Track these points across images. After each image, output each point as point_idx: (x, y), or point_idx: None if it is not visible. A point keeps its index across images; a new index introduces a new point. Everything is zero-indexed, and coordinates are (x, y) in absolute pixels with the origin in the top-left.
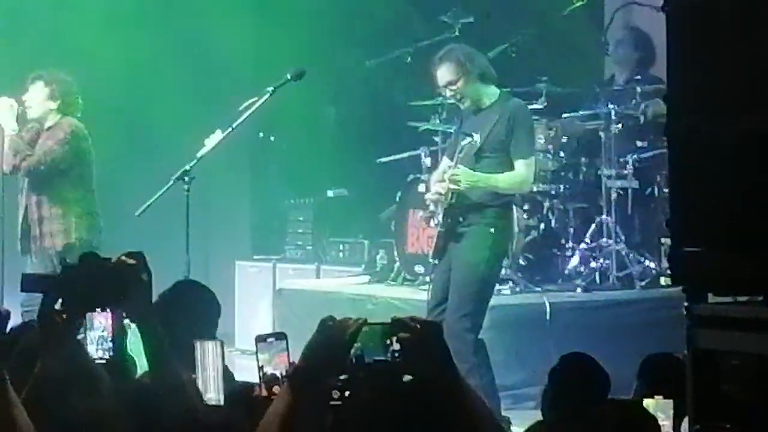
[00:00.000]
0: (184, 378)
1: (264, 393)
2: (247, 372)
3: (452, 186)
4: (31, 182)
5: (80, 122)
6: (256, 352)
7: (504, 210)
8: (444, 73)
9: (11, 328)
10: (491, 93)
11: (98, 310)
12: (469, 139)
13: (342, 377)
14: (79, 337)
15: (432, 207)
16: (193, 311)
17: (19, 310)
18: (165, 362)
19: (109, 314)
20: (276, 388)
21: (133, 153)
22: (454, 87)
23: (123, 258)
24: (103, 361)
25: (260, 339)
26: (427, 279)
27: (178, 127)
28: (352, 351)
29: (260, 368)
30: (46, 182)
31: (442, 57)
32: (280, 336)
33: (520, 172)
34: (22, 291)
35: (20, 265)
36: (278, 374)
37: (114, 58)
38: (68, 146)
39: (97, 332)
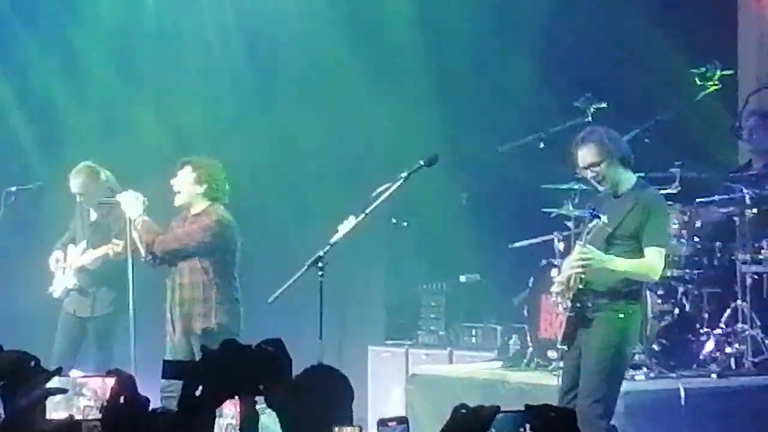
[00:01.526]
0: None
1: None
2: None
3: (581, 264)
4: (176, 266)
5: (227, 210)
6: None
7: (634, 296)
8: (586, 154)
9: (153, 410)
10: (629, 179)
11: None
12: (597, 220)
13: None
14: None
15: (556, 295)
16: (328, 396)
17: (158, 395)
18: None
19: (238, 401)
20: None
21: (266, 239)
22: (596, 169)
23: (264, 345)
24: None
25: (381, 423)
26: (560, 364)
27: (311, 213)
28: None
29: None
30: (188, 265)
31: (585, 138)
32: (401, 420)
33: (651, 260)
34: (163, 378)
35: (153, 348)
36: None
37: (247, 141)
38: (211, 232)
39: (226, 420)
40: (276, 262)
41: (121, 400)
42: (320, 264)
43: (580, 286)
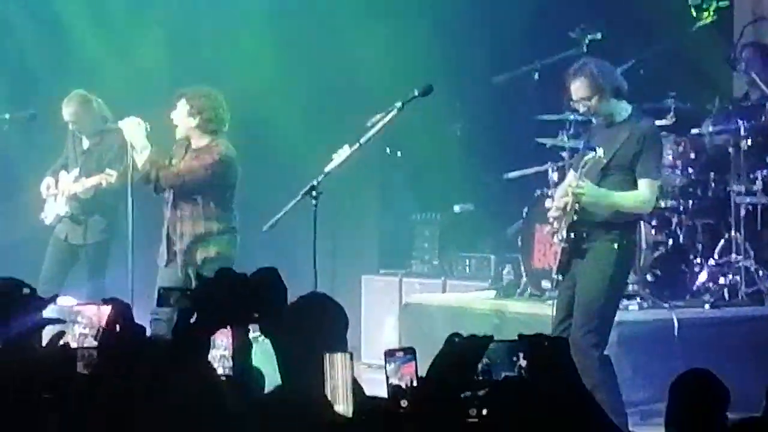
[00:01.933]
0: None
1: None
2: (374, 385)
3: (575, 199)
4: (176, 196)
5: (229, 143)
6: (384, 365)
7: (628, 228)
8: (578, 88)
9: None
10: (624, 108)
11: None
12: (593, 153)
13: (478, 393)
14: None
15: (554, 222)
16: (322, 324)
17: (147, 318)
18: (298, 375)
19: (230, 332)
20: (403, 401)
21: (261, 167)
22: (587, 103)
23: (258, 274)
24: (224, 378)
25: (389, 353)
26: (554, 294)
27: (305, 142)
28: (480, 366)
29: (387, 378)
30: (189, 198)
31: (577, 71)
32: (408, 350)
33: (644, 193)
34: (158, 305)
35: (146, 273)
36: (403, 385)
37: (244, 71)
38: (212, 171)
39: (219, 351)
40: (271, 190)
41: (117, 328)
42: (314, 193)
43: (575, 217)
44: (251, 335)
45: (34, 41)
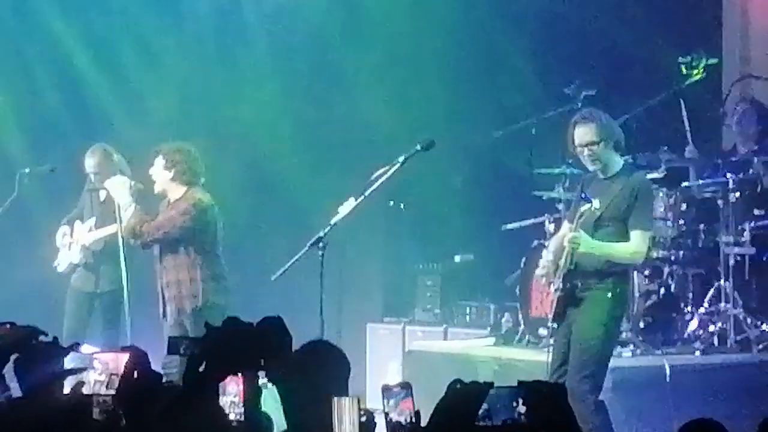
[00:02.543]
0: None
1: None
2: (380, 428)
3: (570, 249)
4: (161, 249)
5: (205, 192)
6: (382, 400)
7: (621, 277)
8: (586, 132)
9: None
10: (618, 162)
11: (230, 375)
12: (589, 204)
13: None
14: None
15: (541, 271)
16: (325, 370)
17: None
18: (303, 419)
19: (241, 379)
20: None
21: (270, 219)
22: (593, 148)
23: (264, 323)
24: (234, 424)
25: (386, 388)
26: (551, 342)
27: (313, 194)
28: (480, 412)
29: (386, 414)
30: (171, 249)
31: (587, 117)
32: (404, 385)
33: (636, 243)
34: (169, 353)
35: (151, 326)
36: (403, 421)
37: (253, 126)
38: (189, 216)
39: (229, 398)
40: (279, 241)
41: (135, 375)
42: (321, 244)
43: (570, 267)
44: (260, 382)
45: (53, 97)
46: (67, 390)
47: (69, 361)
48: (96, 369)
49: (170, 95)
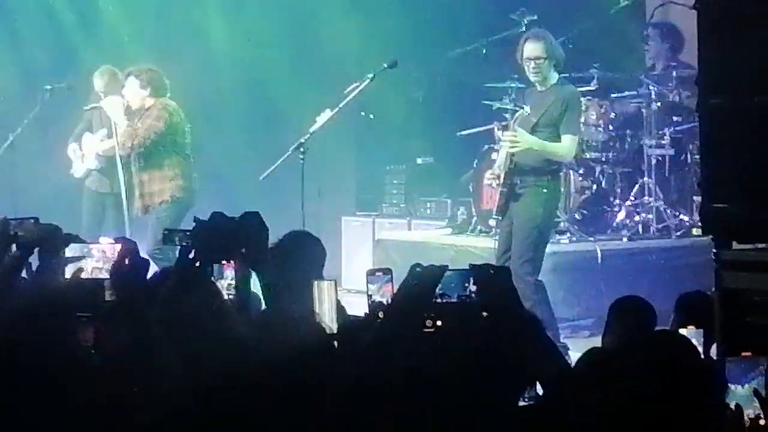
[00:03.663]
0: (304, 312)
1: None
2: (352, 307)
3: (511, 142)
4: (138, 152)
5: (171, 101)
6: (367, 284)
7: (554, 174)
8: (534, 48)
9: (153, 274)
10: (555, 77)
11: (224, 261)
12: (521, 110)
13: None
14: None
15: (488, 180)
16: (304, 255)
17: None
18: (278, 300)
19: (234, 264)
20: (380, 313)
21: (256, 128)
22: (539, 62)
23: (244, 217)
24: (228, 303)
25: (370, 273)
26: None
27: (294, 106)
28: (437, 290)
29: (369, 296)
30: (146, 150)
31: (536, 34)
32: (386, 271)
33: (566, 144)
34: (163, 243)
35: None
36: (384, 301)
37: (242, 50)
38: (163, 120)
39: (227, 281)
40: (264, 147)
41: (126, 262)
42: (302, 149)
43: (511, 167)
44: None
45: (70, 22)
46: (68, 275)
47: (69, 251)
48: (93, 257)
49: (166, 20)
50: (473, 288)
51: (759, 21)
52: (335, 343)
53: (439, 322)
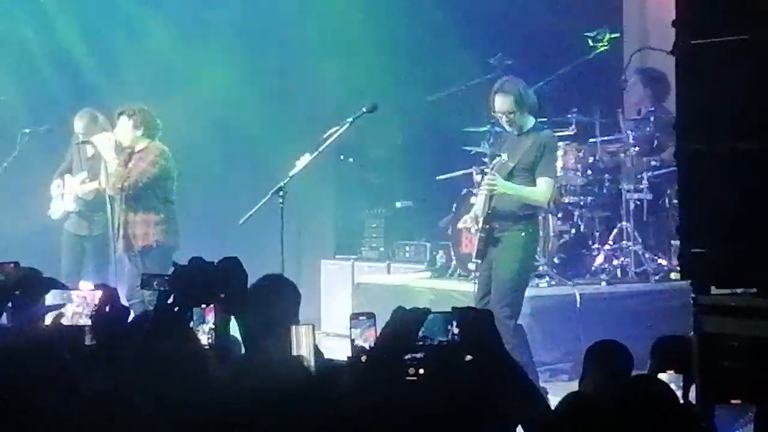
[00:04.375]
0: (283, 355)
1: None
2: (331, 351)
3: (489, 192)
4: (128, 195)
5: (163, 145)
6: (350, 328)
7: (532, 218)
8: (503, 103)
9: (134, 318)
10: (530, 121)
11: (203, 305)
12: (499, 158)
13: (417, 355)
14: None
15: (463, 225)
16: (280, 299)
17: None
18: (258, 344)
19: (214, 309)
20: (363, 357)
21: (236, 172)
22: (510, 116)
23: (223, 262)
24: (207, 347)
25: (353, 317)
26: (477, 275)
27: (273, 150)
28: (420, 334)
29: (352, 341)
30: (135, 192)
31: (504, 88)
32: (370, 315)
33: (542, 188)
34: (142, 288)
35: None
36: (367, 346)
37: (222, 93)
38: (158, 165)
39: (208, 325)
40: (244, 191)
41: (107, 309)
42: (281, 193)
43: (489, 212)
44: None
45: (48, 66)
46: (48, 322)
47: (49, 298)
48: (74, 302)
49: (146, 64)
50: (456, 331)
51: (735, 67)
52: (316, 386)
53: (422, 371)
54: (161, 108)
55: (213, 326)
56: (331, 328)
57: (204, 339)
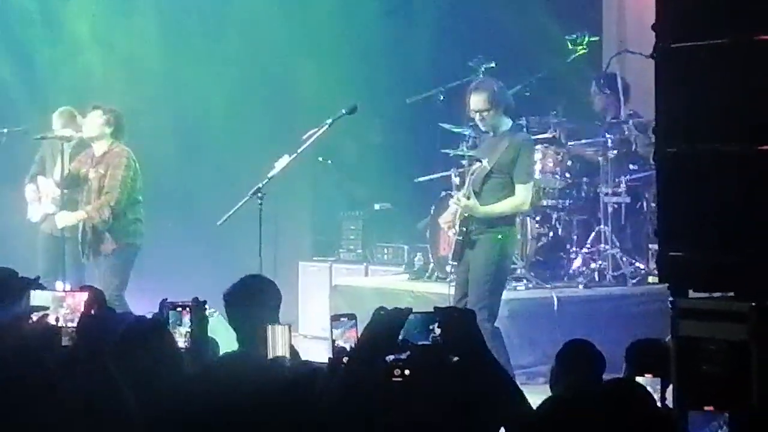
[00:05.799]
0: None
1: None
2: (308, 352)
3: (463, 212)
4: (88, 194)
5: (127, 147)
6: (330, 329)
7: (510, 222)
8: (478, 101)
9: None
10: (506, 123)
11: (179, 308)
12: (479, 164)
13: (401, 356)
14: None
15: (448, 217)
16: (261, 298)
17: None
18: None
19: (190, 311)
20: (344, 358)
21: (215, 174)
22: (485, 114)
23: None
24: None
25: (334, 318)
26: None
27: (252, 151)
28: (400, 335)
29: (333, 342)
30: (99, 195)
31: (479, 86)
32: (351, 316)
33: (519, 196)
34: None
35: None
36: (347, 347)
37: (201, 91)
38: (130, 169)
39: (185, 327)
40: (222, 192)
41: (93, 311)
42: (260, 194)
43: (465, 215)
44: (207, 312)
45: (21, 69)
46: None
47: (34, 299)
48: (61, 303)
49: (116, 68)
50: (437, 331)
51: (716, 70)
52: (293, 388)
53: (407, 371)
54: (139, 109)
55: (189, 329)
56: (308, 331)
57: (181, 341)
